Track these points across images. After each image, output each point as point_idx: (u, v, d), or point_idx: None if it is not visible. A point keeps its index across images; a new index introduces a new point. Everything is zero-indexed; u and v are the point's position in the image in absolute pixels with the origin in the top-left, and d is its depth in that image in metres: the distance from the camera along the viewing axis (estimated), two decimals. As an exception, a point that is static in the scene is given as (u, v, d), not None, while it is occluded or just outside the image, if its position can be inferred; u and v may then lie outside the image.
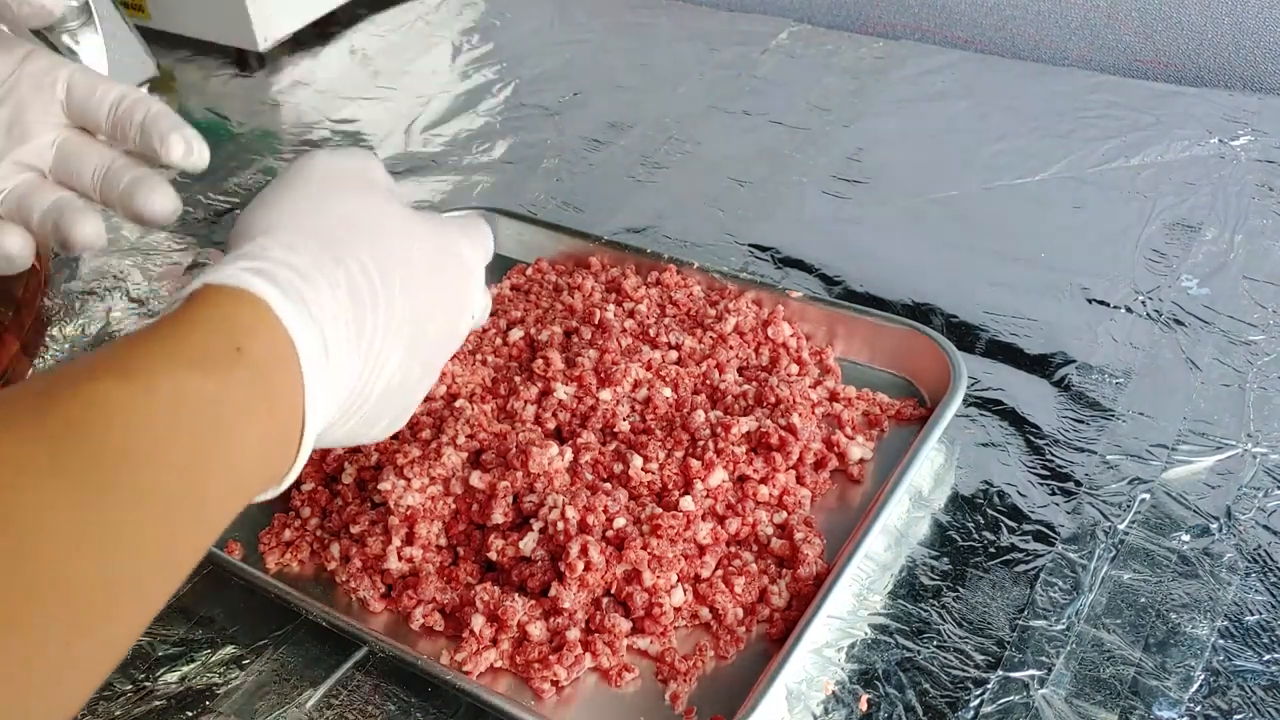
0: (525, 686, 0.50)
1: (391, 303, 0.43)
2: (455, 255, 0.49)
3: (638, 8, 1.09)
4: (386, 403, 0.45)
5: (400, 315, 0.44)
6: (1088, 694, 0.48)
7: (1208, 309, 0.66)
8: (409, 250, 0.45)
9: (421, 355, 0.46)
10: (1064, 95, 0.87)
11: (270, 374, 0.38)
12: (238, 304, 0.38)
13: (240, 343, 0.37)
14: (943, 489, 0.57)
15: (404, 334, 0.44)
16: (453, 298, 0.48)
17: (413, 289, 0.44)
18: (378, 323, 0.42)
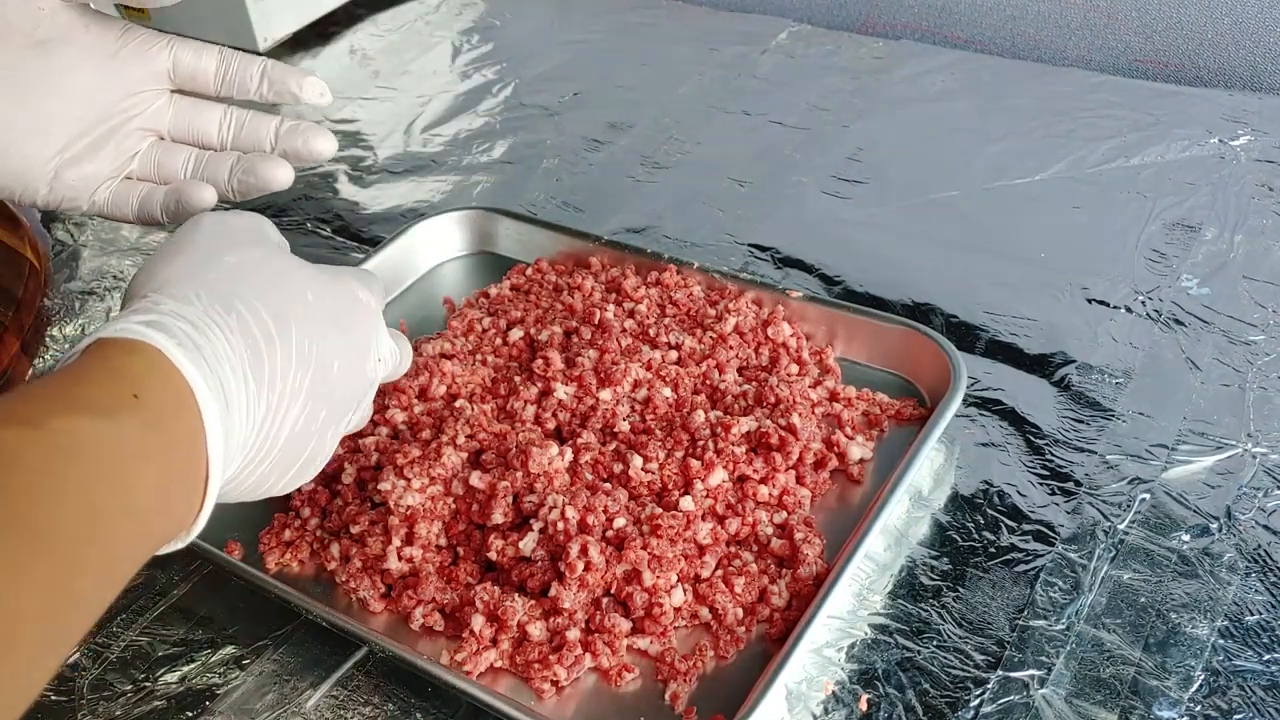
0: (525, 686, 0.50)
1: (288, 346, 0.43)
2: (352, 299, 0.49)
3: (638, 8, 1.09)
4: (293, 449, 0.45)
5: (299, 358, 0.44)
6: (1088, 694, 0.48)
7: (1208, 309, 0.66)
8: (303, 294, 0.45)
9: (327, 399, 0.46)
10: (1064, 95, 0.87)
11: (167, 419, 0.38)
12: (131, 354, 0.39)
13: (136, 389, 0.38)
14: (943, 489, 0.57)
15: (306, 377, 0.44)
16: (355, 340, 0.48)
17: (310, 332, 0.45)
18: (275, 366, 0.43)
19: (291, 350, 0.43)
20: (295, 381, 0.44)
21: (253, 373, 0.42)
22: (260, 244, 0.47)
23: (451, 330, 0.68)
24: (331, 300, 0.47)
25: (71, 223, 0.86)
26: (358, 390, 0.49)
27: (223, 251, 0.45)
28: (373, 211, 0.84)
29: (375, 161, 0.90)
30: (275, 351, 0.43)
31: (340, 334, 0.47)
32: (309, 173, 0.89)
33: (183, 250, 0.45)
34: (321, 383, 0.45)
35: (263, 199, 0.86)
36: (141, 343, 0.39)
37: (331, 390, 0.46)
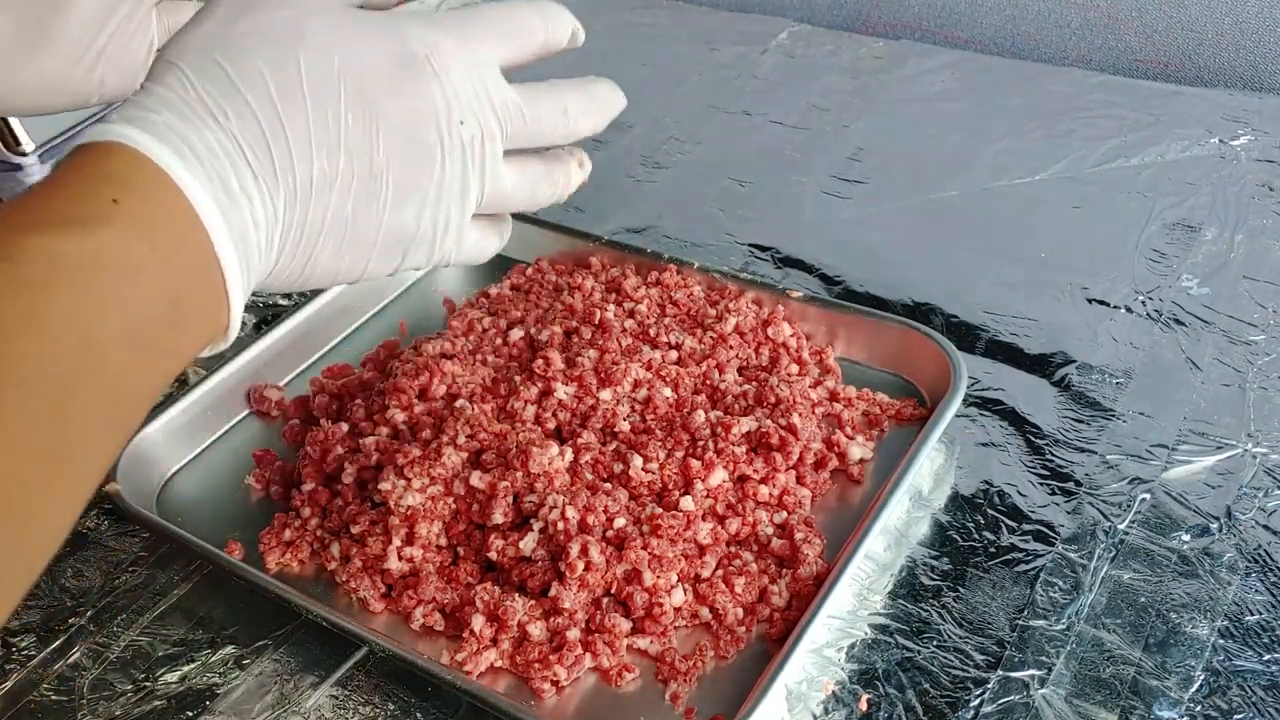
0: (525, 686, 0.50)
1: (306, 123, 0.38)
2: (400, 53, 0.41)
3: (638, 8, 1.09)
4: (355, 233, 0.41)
5: (325, 134, 0.39)
6: (1088, 694, 0.48)
7: (1208, 309, 0.66)
8: (326, 58, 0.39)
9: (378, 176, 0.40)
10: (1064, 95, 0.87)
11: (156, 221, 0.35)
12: (110, 157, 0.35)
13: (115, 194, 0.34)
14: (943, 489, 0.57)
15: (338, 156, 0.39)
16: (406, 104, 0.40)
17: (332, 102, 0.39)
18: (290, 148, 0.38)
19: (308, 129, 0.38)
20: (321, 165, 0.39)
21: (260, 159, 0.37)
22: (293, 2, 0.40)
23: (452, 330, 0.68)
24: (368, 60, 0.40)
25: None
26: (425, 161, 0.41)
27: (241, 16, 0.39)
28: (373, 211, 0.84)
29: (375, 161, 0.90)
30: (283, 132, 0.38)
31: (383, 98, 0.40)
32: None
33: (198, 22, 0.40)
34: (362, 160, 0.40)
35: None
36: (119, 144, 0.35)
37: (383, 166, 0.40)
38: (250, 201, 0.37)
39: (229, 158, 0.37)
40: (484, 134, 0.42)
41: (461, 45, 0.42)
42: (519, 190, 0.45)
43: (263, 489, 0.61)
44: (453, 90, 0.41)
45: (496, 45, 0.43)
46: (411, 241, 0.42)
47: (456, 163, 0.42)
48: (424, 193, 0.42)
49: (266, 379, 0.67)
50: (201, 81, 0.38)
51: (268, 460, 0.62)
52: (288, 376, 0.68)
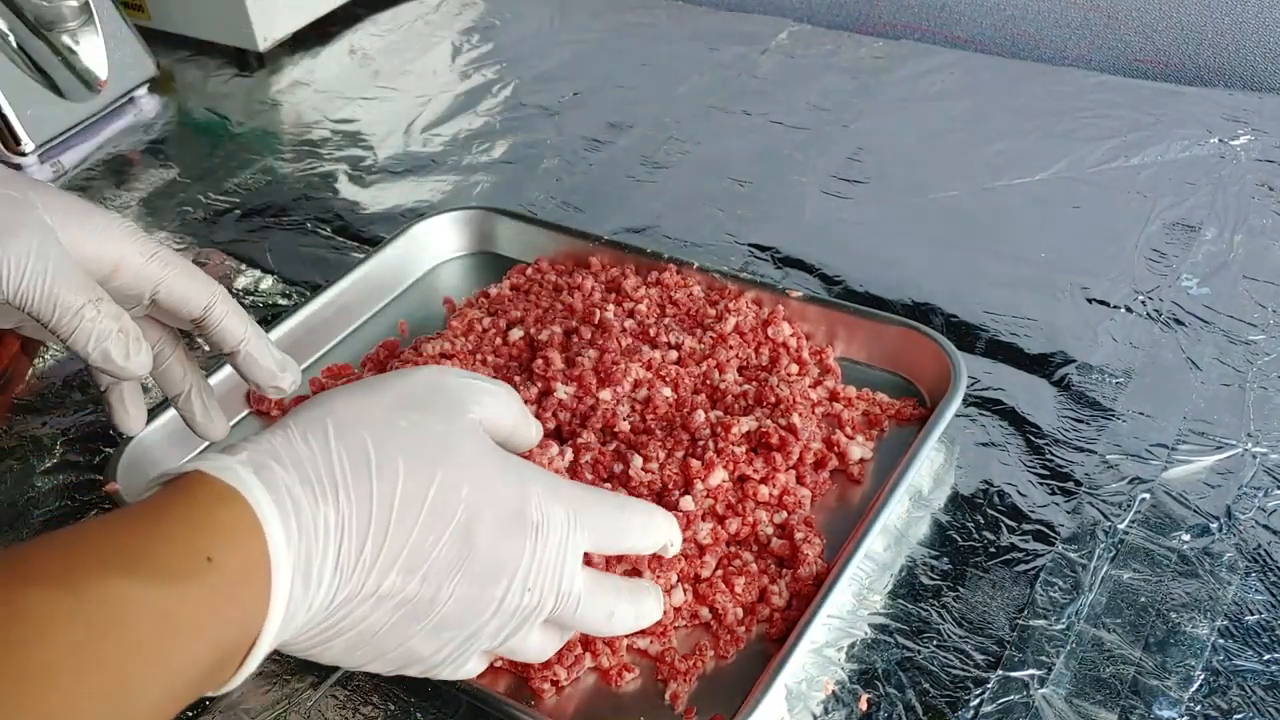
0: (525, 686, 0.50)
1: (406, 539, 0.38)
2: (515, 507, 0.41)
3: (638, 8, 1.09)
4: (378, 642, 0.41)
5: (414, 555, 0.39)
6: (1088, 694, 0.48)
7: (1208, 309, 0.66)
8: (457, 485, 0.40)
9: (429, 611, 0.40)
10: (1064, 95, 0.87)
11: (237, 588, 0.35)
12: (222, 502, 0.35)
13: (211, 551, 0.34)
14: (943, 489, 0.57)
15: (412, 579, 0.39)
16: (490, 557, 0.41)
17: (441, 530, 0.39)
18: (381, 554, 0.38)
19: (405, 545, 0.38)
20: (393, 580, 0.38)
21: (351, 551, 0.37)
22: (451, 419, 0.41)
23: (451, 330, 0.68)
24: (486, 505, 0.40)
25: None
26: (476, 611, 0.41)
27: (403, 411, 0.40)
28: (373, 211, 0.84)
29: (375, 161, 0.90)
30: (385, 538, 0.38)
31: (477, 546, 0.40)
32: (309, 173, 0.89)
33: (366, 391, 0.41)
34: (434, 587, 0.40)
35: (263, 199, 0.86)
36: (233, 491, 0.35)
37: (439, 604, 0.40)
38: (320, 588, 0.37)
39: (325, 539, 0.37)
40: (538, 608, 0.43)
41: (570, 526, 0.43)
42: (533, 653, 0.46)
43: (263, 489, 0.61)
44: (538, 563, 0.42)
45: (595, 538, 0.44)
46: (420, 663, 0.43)
47: (500, 621, 0.42)
48: (456, 633, 0.42)
49: (266, 379, 0.67)
50: (340, 453, 0.38)
51: (268, 460, 0.62)
52: (288, 376, 0.68)
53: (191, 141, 0.96)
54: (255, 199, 0.87)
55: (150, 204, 0.88)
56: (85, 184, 0.90)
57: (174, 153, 0.94)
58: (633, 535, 0.45)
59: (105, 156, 0.94)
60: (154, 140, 0.96)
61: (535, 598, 0.42)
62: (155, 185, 0.90)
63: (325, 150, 0.92)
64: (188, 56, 1.08)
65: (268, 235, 0.83)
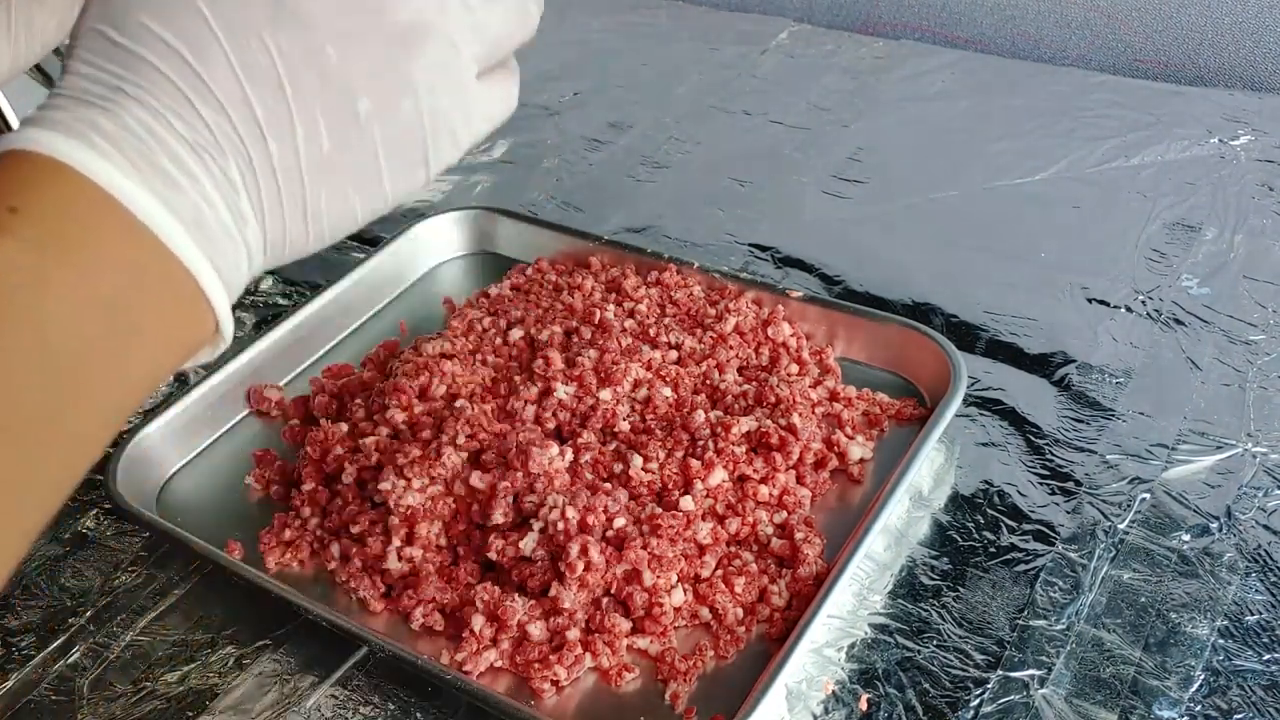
0: (525, 686, 0.50)
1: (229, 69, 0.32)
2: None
3: (638, 8, 1.09)
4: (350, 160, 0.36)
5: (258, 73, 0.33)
6: (1088, 694, 0.48)
7: (1208, 309, 0.66)
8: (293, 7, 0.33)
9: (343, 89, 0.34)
10: (1064, 95, 0.87)
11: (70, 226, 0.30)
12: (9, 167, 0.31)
13: (13, 202, 0.30)
14: (943, 489, 0.57)
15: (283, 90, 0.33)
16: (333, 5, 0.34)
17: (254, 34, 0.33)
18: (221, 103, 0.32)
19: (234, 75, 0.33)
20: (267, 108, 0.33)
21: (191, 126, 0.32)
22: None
23: (452, 330, 0.68)
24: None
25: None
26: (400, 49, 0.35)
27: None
28: (373, 211, 0.84)
29: (375, 161, 0.90)
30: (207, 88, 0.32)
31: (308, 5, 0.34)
32: (309, 173, 0.89)
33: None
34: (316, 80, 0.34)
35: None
36: (20, 151, 0.31)
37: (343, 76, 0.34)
38: (192, 176, 0.32)
39: (151, 135, 0.32)
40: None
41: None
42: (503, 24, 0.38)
43: (263, 489, 0.61)
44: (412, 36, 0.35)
45: None
46: (421, 141, 0.37)
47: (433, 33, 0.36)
48: (412, 81, 0.35)
49: (266, 379, 0.67)
50: (101, 62, 0.32)
51: (268, 460, 0.62)
52: (288, 376, 0.68)
53: (191, 141, 0.96)
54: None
55: (150, 204, 0.88)
56: None
57: (174, 153, 0.94)
58: None
59: (105, 156, 0.94)
60: (154, 140, 0.96)
61: None
62: (155, 185, 0.90)
63: (325, 150, 0.92)
64: (188, 56, 1.07)
65: (268, 235, 0.83)
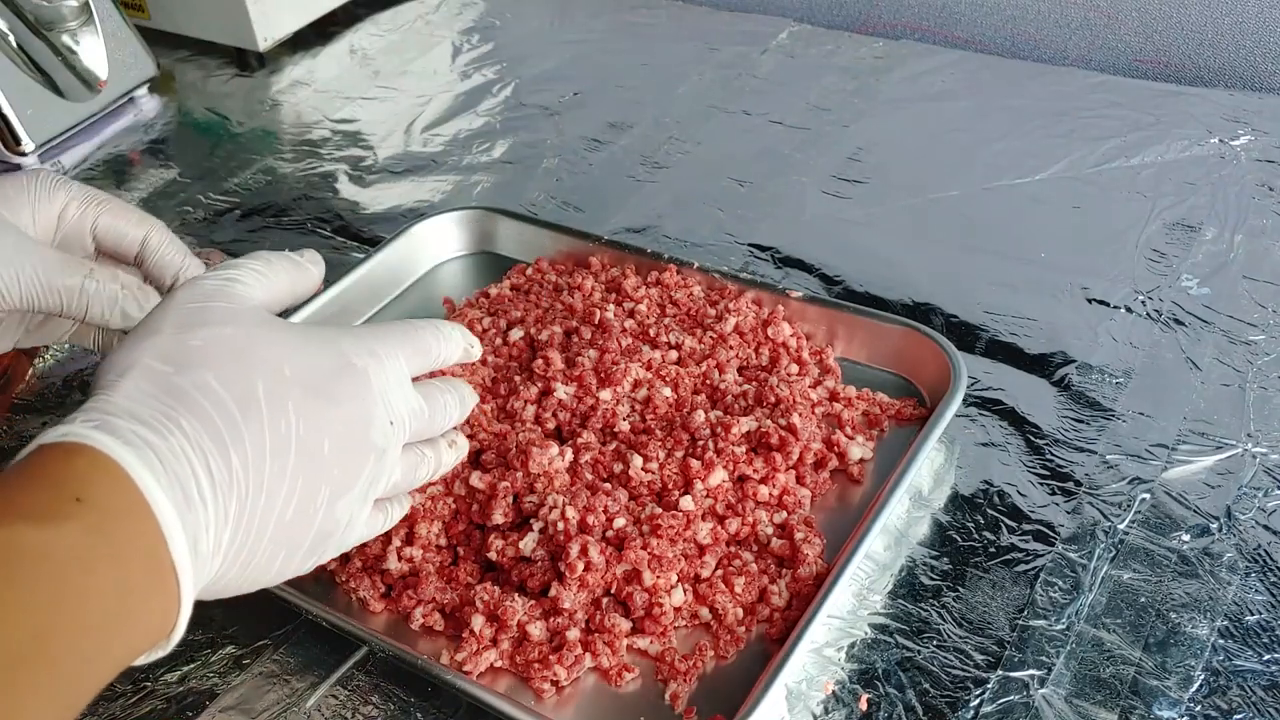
0: (525, 686, 0.50)
1: (258, 431, 0.40)
2: (341, 364, 0.44)
3: (638, 8, 1.09)
4: (289, 535, 0.42)
5: (274, 442, 0.41)
6: (1088, 694, 0.48)
7: (1208, 309, 0.66)
8: (279, 370, 0.42)
9: (323, 478, 0.42)
10: (1064, 95, 0.87)
11: (115, 521, 0.36)
12: (74, 457, 0.37)
13: (79, 493, 0.35)
14: (943, 489, 0.57)
15: (287, 460, 0.41)
16: (350, 411, 0.43)
17: (286, 411, 0.41)
18: (245, 454, 0.40)
19: (264, 434, 0.40)
20: (273, 467, 0.40)
21: (219, 464, 0.39)
22: (234, 318, 0.43)
23: (451, 330, 0.68)
24: (315, 371, 0.43)
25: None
26: (361, 461, 0.44)
27: (189, 330, 0.41)
28: (373, 211, 0.84)
29: (375, 161, 0.90)
30: (243, 438, 0.40)
31: (329, 405, 0.43)
32: (309, 173, 0.89)
33: (149, 332, 0.42)
34: (310, 462, 0.42)
35: (263, 199, 0.87)
36: (82, 444, 0.37)
37: (327, 468, 0.42)
38: (205, 506, 0.38)
39: (189, 464, 0.38)
40: (401, 432, 0.46)
41: (388, 358, 0.46)
42: (405, 476, 0.48)
43: (263, 489, 0.61)
44: (385, 398, 0.45)
45: (409, 361, 0.47)
46: (330, 537, 0.44)
47: (382, 460, 0.45)
48: (353, 490, 0.44)
49: (266, 379, 0.67)
50: (159, 391, 0.39)
51: (268, 460, 0.62)
52: (288, 376, 0.68)
53: (191, 141, 0.96)
54: (255, 199, 0.87)
55: (150, 204, 0.88)
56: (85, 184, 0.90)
57: (174, 153, 0.94)
58: (435, 347, 0.49)
59: (105, 156, 0.94)
60: (154, 140, 0.96)
61: (400, 426, 0.46)
62: (155, 185, 0.90)
63: (325, 150, 0.92)
64: (188, 56, 1.08)
65: (268, 235, 0.83)
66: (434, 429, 0.49)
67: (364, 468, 0.44)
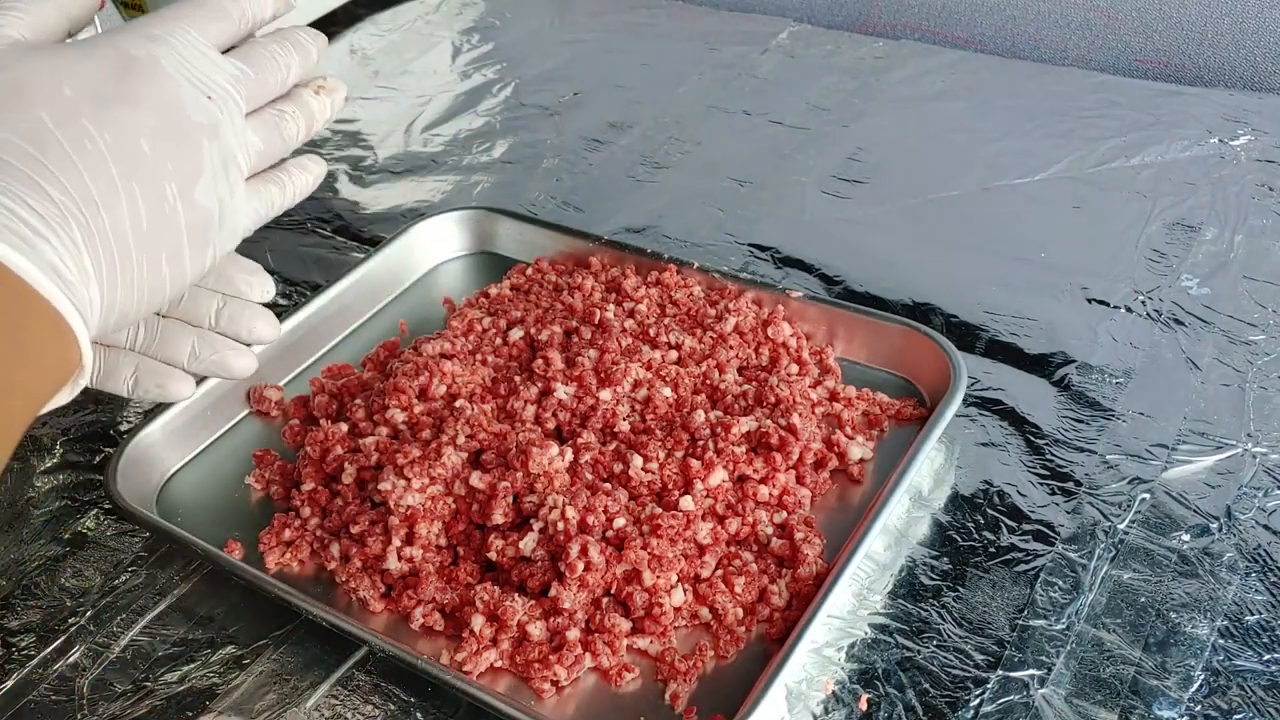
0: (525, 686, 0.50)
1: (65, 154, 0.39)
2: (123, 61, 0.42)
3: (638, 8, 1.09)
4: (158, 238, 0.41)
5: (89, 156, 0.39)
6: (1088, 693, 0.48)
7: (1208, 309, 0.66)
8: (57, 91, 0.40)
9: (158, 174, 0.41)
10: (1064, 95, 0.87)
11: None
12: None
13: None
14: (943, 489, 0.57)
15: (109, 169, 0.40)
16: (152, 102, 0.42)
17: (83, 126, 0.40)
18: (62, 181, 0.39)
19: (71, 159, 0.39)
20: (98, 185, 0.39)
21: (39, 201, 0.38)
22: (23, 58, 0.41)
23: (451, 330, 0.68)
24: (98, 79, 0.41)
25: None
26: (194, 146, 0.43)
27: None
28: (373, 211, 0.84)
29: (375, 161, 0.90)
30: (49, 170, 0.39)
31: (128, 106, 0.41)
32: (309, 173, 0.89)
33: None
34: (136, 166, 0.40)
35: (263, 199, 0.86)
36: None
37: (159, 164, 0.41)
38: (47, 241, 0.38)
39: (10, 212, 0.38)
40: (230, 102, 0.45)
41: (172, 35, 0.44)
42: (269, 141, 0.46)
43: (263, 489, 0.61)
44: (188, 74, 0.43)
45: (202, 29, 0.45)
46: (208, 226, 0.44)
47: (218, 136, 0.44)
48: (203, 175, 0.43)
49: (266, 379, 0.67)
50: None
51: (268, 460, 0.62)
52: (288, 376, 0.68)
53: (191, 141, 0.96)
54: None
55: (150, 204, 0.88)
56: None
57: (174, 153, 0.94)
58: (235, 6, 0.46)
59: (105, 156, 0.94)
60: (154, 140, 0.96)
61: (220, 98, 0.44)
62: (155, 185, 0.90)
63: (325, 150, 0.92)
64: (188, 56, 1.07)
65: (268, 235, 0.82)
66: (275, 86, 0.47)
67: (200, 150, 0.43)
